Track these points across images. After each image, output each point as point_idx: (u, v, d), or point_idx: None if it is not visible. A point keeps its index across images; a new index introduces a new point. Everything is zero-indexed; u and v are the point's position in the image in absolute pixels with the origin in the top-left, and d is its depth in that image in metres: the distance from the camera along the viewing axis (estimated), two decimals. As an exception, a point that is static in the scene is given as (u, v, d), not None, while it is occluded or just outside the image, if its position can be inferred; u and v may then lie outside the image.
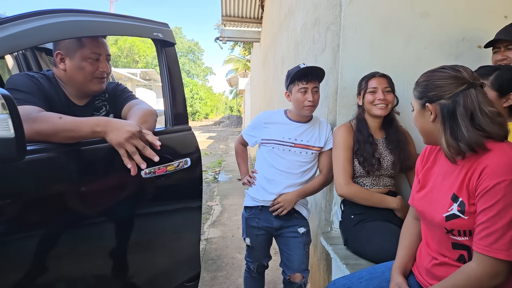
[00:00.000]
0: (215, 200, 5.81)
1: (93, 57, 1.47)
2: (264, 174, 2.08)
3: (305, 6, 3.10)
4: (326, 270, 2.38)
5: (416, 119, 1.24)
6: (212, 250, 3.71)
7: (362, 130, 1.89)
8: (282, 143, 2.03)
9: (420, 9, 2.05)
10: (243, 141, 2.29)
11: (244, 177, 2.26)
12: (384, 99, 1.82)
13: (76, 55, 1.46)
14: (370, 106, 1.86)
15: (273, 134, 2.06)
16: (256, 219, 2.10)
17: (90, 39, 1.48)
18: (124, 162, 1.30)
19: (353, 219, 1.87)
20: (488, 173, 1.04)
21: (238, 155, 2.38)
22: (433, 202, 1.21)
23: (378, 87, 1.83)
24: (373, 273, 1.43)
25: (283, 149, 2.03)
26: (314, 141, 2.04)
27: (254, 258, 2.19)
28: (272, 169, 2.05)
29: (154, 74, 26.89)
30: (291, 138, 2.03)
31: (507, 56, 1.82)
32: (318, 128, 2.07)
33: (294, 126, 2.06)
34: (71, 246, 1.28)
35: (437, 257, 1.20)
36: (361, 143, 1.86)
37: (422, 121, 1.21)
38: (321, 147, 2.05)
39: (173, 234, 1.74)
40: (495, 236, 1.01)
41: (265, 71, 7.37)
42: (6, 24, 1.15)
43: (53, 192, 1.21)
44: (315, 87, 1.95)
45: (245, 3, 7.64)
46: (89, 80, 1.50)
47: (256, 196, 2.08)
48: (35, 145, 1.16)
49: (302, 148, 2.02)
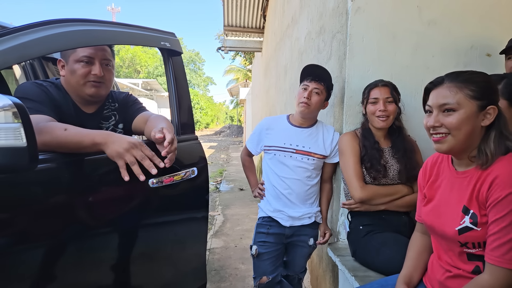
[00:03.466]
0: (217, 210, 5.77)
1: (84, 60, 1.46)
2: (272, 182, 2.06)
3: (309, 15, 3.11)
4: (333, 281, 2.34)
5: (465, 122, 1.10)
6: (215, 261, 3.67)
7: (368, 137, 1.87)
8: (283, 149, 2.01)
9: (428, 17, 2.04)
10: (248, 152, 2.26)
11: (254, 190, 2.23)
12: (384, 110, 1.80)
13: (70, 59, 1.47)
14: (372, 117, 1.85)
15: (274, 140, 2.05)
16: (268, 226, 2.06)
17: None
18: (122, 174, 1.29)
19: (361, 230, 1.84)
20: (499, 184, 1.03)
21: (245, 167, 2.33)
22: (442, 216, 1.19)
23: (379, 97, 1.81)
24: (384, 285, 1.41)
25: (284, 155, 2.01)
26: (316, 148, 2.01)
27: (259, 271, 2.06)
28: (275, 177, 2.04)
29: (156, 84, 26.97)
30: (293, 144, 2.01)
31: None
32: (322, 134, 2.05)
33: (295, 132, 2.04)
34: (77, 257, 1.26)
35: (451, 270, 1.18)
36: (368, 149, 1.84)
37: (474, 123, 1.10)
38: (324, 156, 2.02)
39: (179, 244, 1.72)
40: (508, 247, 1.00)
41: (267, 80, 7.38)
42: (15, 33, 1.15)
43: (59, 202, 1.20)
44: (316, 88, 1.94)
45: (247, 13, 7.69)
46: (82, 84, 1.48)
47: (268, 210, 2.07)
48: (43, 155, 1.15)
49: (304, 154, 2.00)
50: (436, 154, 1.32)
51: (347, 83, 2.06)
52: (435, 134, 1.15)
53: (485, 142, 1.10)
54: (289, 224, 2.02)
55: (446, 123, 1.11)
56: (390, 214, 1.84)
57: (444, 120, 1.12)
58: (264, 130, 2.11)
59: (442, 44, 2.07)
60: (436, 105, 1.14)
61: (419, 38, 2.06)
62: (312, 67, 2.00)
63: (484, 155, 1.09)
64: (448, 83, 1.13)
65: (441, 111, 1.13)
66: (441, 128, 1.13)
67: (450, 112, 1.11)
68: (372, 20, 2.02)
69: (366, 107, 1.87)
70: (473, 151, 1.13)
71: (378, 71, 2.04)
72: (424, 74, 2.03)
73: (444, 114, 1.12)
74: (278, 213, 2.03)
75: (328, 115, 2.43)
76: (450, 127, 1.11)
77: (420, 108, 1.25)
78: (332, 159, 2.06)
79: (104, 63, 1.52)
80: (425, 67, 2.07)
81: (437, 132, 1.14)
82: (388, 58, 2.05)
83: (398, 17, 2.03)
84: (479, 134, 1.12)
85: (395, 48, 2.05)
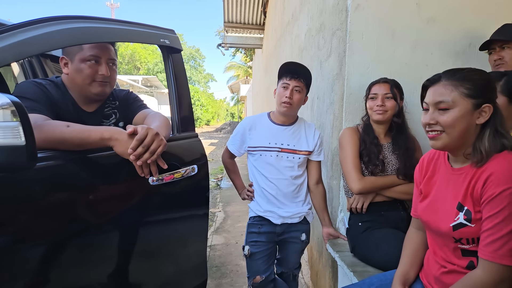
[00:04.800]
0: (218, 207, 5.78)
1: (91, 59, 1.46)
2: (259, 184, 2.05)
3: (310, 12, 3.11)
4: (332, 277, 2.35)
5: (459, 120, 1.10)
6: (216, 257, 3.69)
7: (368, 132, 1.89)
8: (268, 149, 2.00)
9: (427, 14, 2.04)
10: (230, 155, 2.18)
11: (242, 192, 2.19)
12: (382, 105, 1.81)
13: (76, 57, 1.46)
14: (370, 112, 1.87)
15: (258, 140, 2.02)
16: (259, 225, 2.05)
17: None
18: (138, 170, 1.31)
19: (360, 226, 1.85)
20: (493, 181, 1.04)
21: (229, 170, 2.26)
22: (438, 212, 1.20)
23: (378, 93, 1.83)
24: (383, 280, 1.42)
25: (270, 155, 1.99)
26: (301, 145, 2.01)
27: (252, 270, 2.06)
28: (262, 178, 2.03)
29: (156, 81, 26.96)
30: (277, 143, 1.99)
31: (502, 56, 1.85)
32: (304, 131, 2.05)
33: (278, 130, 2.02)
34: (77, 254, 1.26)
35: (446, 265, 1.19)
36: (367, 143, 1.86)
37: (468, 121, 1.11)
38: (308, 151, 2.02)
39: (180, 241, 1.72)
40: (500, 243, 1.02)
41: (267, 77, 7.38)
42: (14, 31, 1.15)
43: (60, 200, 1.20)
44: (297, 86, 1.92)
45: (247, 10, 7.68)
46: (89, 83, 1.48)
47: (258, 210, 2.06)
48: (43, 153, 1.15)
49: (289, 153, 1.99)
50: (433, 150, 1.33)
51: (347, 81, 2.06)
52: (431, 131, 1.16)
53: (480, 140, 1.11)
54: (280, 222, 2.02)
55: (441, 121, 1.12)
56: (389, 209, 1.86)
57: (439, 118, 1.12)
58: (247, 131, 2.07)
59: (441, 42, 2.07)
60: (432, 103, 1.15)
61: (418, 36, 2.06)
62: (290, 64, 1.98)
63: (479, 152, 1.09)
64: (445, 80, 1.13)
65: (436, 108, 1.14)
66: (436, 126, 1.14)
67: (445, 111, 1.12)
68: (371, 17, 2.02)
69: (366, 102, 1.89)
70: (469, 148, 1.14)
71: (378, 68, 2.04)
72: (423, 71, 2.03)
73: (439, 112, 1.13)
74: (269, 213, 2.03)
75: (328, 113, 2.44)
76: (444, 125, 1.11)
77: (419, 105, 1.25)
78: (316, 156, 2.05)
79: (109, 63, 1.52)
80: (424, 64, 2.07)
81: (433, 129, 1.15)
82: (387, 55, 2.06)
83: (398, 14, 2.03)
84: (474, 132, 1.12)
85: (394, 45, 2.05)
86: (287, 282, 2.15)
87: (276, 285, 2.08)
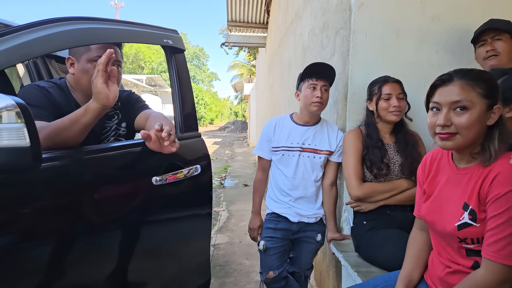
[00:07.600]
0: (221, 206, 5.79)
1: (97, 60, 1.46)
2: (279, 184, 2.07)
3: (313, 11, 3.10)
4: (336, 277, 2.35)
5: (476, 122, 1.07)
6: (220, 256, 3.69)
7: (372, 135, 1.87)
8: (290, 148, 2.01)
9: (432, 13, 2.03)
10: (263, 166, 2.17)
11: (253, 230, 2.17)
12: (398, 106, 1.80)
13: (82, 58, 1.46)
14: (384, 112, 1.83)
15: (281, 141, 2.04)
16: (276, 222, 2.07)
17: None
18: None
19: (365, 225, 1.84)
20: (500, 180, 1.04)
21: (254, 189, 2.20)
22: (443, 212, 1.19)
23: (392, 93, 1.80)
24: (388, 281, 1.41)
25: (293, 154, 2.01)
26: (323, 145, 2.02)
27: (265, 265, 2.07)
28: (283, 178, 2.04)
29: (160, 80, 27.02)
30: (299, 143, 2.01)
31: (495, 47, 1.79)
32: (326, 131, 2.05)
33: (301, 130, 2.04)
34: (82, 254, 1.27)
35: (450, 266, 1.19)
36: (370, 148, 1.85)
37: (483, 122, 1.09)
38: (330, 151, 2.02)
39: (183, 241, 1.73)
40: (504, 243, 1.01)
41: (271, 76, 7.37)
42: (19, 32, 1.16)
43: (65, 199, 1.21)
44: (324, 85, 1.95)
45: (250, 9, 7.67)
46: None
47: (275, 207, 2.08)
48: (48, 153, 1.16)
49: (311, 152, 2.01)
50: (436, 150, 1.31)
51: (351, 80, 2.05)
52: (443, 132, 1.11)
53: (489, 140, 1.10)
54: (297, 220, 2.03)
55: (457, 122, 1.08)
56: (396, 210, 1.85)
57: (455, 119, 1.09)
58: (271, 132, 2.09)
59: (445, 40, 2.06)
60: (447, 103, 1.10)
61: (423, 34, 2.04)
62: (317, 65, 1.99)
63: (488, 152, 1.09)
64: (459, 80, 1.09)
65: (451, 109, 1.10)
66: (451, 127, 1.10)
67: (463, 111, 1.08)
68: (375, 16, 2.01)
69: (377, 103, 1.84)
70: (476, 148, 1.13)
71: (382, 67, 2.03)
72: (427, 70, 2.02)
73: (456, 113, 1.09)
74: (286, 209, 2.05)
75: (332, 112, 2.43)
76: (460, 126, 1.08)
77: (424, 104, 1.24)
78: (336, 157, 2.05)
79: (115, 64, 1.52)
80: (429, 63, 2.06)
81: (446, 131, 1.10)
82: (391, 54, 2.04)
83: (402, 13, 2.02)
84: (484, 133, 1.11)
85: (398, 44, 2.04)
86: (299, 283, 2.16)
87: (288, 282, 2.09)
